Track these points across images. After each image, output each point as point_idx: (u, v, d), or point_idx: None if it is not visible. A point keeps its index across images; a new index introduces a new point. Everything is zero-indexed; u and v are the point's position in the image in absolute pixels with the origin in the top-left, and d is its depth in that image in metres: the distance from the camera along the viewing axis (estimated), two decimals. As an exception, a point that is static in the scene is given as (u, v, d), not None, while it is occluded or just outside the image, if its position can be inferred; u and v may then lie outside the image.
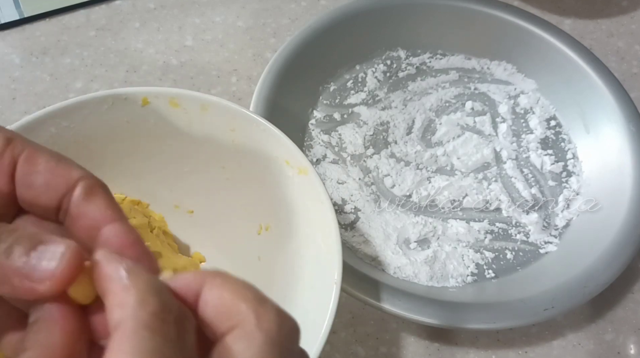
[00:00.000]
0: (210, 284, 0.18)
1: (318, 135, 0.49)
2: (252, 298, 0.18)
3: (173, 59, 0.53)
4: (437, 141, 0.49)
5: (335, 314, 0.31)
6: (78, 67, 0.52)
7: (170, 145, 0.38)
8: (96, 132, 0.36)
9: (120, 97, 0.35)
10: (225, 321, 0.18)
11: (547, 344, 0.42)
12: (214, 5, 0.56)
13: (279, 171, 0.36)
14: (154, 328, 0.16)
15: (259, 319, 0.17)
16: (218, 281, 0.18)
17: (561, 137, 0.50)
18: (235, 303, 0.18)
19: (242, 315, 0.17)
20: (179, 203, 0.41)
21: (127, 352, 0.16)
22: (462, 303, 0.40)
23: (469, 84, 0.53)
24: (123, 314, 0.16)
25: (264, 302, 0.18)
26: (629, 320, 0.44)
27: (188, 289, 0.18)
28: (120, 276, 0.17)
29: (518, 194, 0.47)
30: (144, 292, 0.17)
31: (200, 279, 0.18)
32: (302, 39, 0.49)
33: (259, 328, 0.17)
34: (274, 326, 0.17)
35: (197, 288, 0.18)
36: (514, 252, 0.45)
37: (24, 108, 0.49)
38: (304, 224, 0.35)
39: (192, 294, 0.18)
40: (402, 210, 0.45)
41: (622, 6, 0.59)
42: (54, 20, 0.54)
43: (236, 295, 0.18)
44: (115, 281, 0.17)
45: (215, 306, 0.18)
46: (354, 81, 0.52)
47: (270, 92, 0.46)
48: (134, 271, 0.17)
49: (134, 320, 0.16)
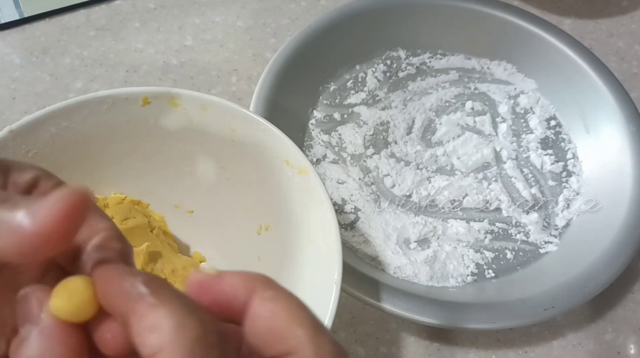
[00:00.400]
0: (262, 296, 0.17)
1: (318, 135, 0.49)
2: (308, 324, 0.17)
3: (173, 59, 0.53)
4: (437, 141, 0.49)
5: (335, 314, 0.31)
6: (78, 67, 0.52)
7: (170, 145, 0.38)
8: (96, 132, 0.36)
9: (120, 97, 0.35)
10: (278, 343, 0.17)
11: (547, 344, 0.42)
12: (214, 5, 0.56)
13: (279, 171, 0.36)
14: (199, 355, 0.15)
15: (317, 350, 0.16)
16: (270, 294, 0.17)
17: (561, 137, 0.50)
18: (292, 327, 0.17)
19: (299, 342, 0.17)
20: (179, 203, 0.41)
21: None
22: (462, 303, 0.40)
23: (469, 84, 0.53)
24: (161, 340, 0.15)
25: (322, 331, 0.17)
26: (629, 320, 0.44)
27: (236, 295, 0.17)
28: (141, 292, 0.16)
29: (518, 194, 0.47)
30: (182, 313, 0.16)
31: (250, 286, 0.17)
32: (302, 39, 0.49)
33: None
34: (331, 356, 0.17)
35: (245, 296, 0.17)
36: (514, 252, 0.45)
37: (24, 108, 0.49)
38: (304, 224, 0.35)
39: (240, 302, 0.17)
40: (402, 210, 0.45)
41: (622, 6, 0.59)
42: (54, 20, 0.54)
43: (292, 316, 0.17)
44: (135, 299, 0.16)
45: (266, 323, 0.17)
46: (354, 81, 0.52)
47: (270, 92, 0.46)
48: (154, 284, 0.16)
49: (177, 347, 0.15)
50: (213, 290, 0.17)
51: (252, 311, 0.17)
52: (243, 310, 0.17)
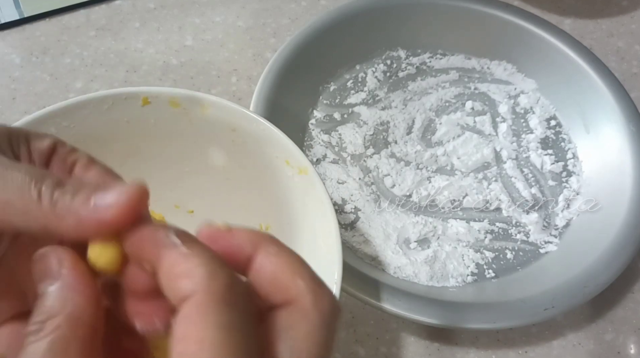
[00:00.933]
0: (267, 251, 0.19)
1: (318, 135, 0.49)
2: (309, 276, 0.18)
3: (173, 59, 0.53)
4: (437, 140, 0.49)
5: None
6: (78, 67, 0.52)
7: (170, 145, 0.38)
8: (96, 132, 0.35)
9: (120, 97, 0.35)
10: (280, 293, 0.18)
11: (547, 344, 0.42)
12: (214, 5, 0.56)
13: (279, 171, 0.36)
14: (231, 302, 0.17)
15: (316, 299, 0.18)
16: (274, 249, 0.19)
17: (561, 137, 0.50)
18: (293, 279, 0.18)
19: (300, 292, 0.18)
20: (179, 203, 0.41)
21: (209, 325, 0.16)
22: (462, 303, 0.40)
23: (469, 83, 0.53)
24: (194, 285, 0.16)
25: (320, 283, 0.18)
26: (629, 319, 0.44)
27: (242, 248, 0.19)
28: (174, 242, 0.17)
29: (518, 194, 0.47)
30: (213, 263, 0.17)
31: (256, 241, 0.19)
32: (302, 39, 0.49)
33: (315, 308, 0.18)
34: (328, 308, 0.18)
35: (251, 250, 0.19)
36: (514, 252, 0.45)
37: (24, 108, 0.49)
38: (304, 224, 0.35)
39: (245, 255, 0.19)
40: (402, 210, 0.45)
41: (622, 6, 0.59)
42: (54, 20, 0.54)
43: (294, 269, 0.18)
44: (170, 248, 0.17)
45: (270, 275, 0.18)
46: (354, 80, 0.52)
47: (270, 92, 0.46)
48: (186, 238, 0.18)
49: (209, 292, 0.16)
50: (222, 242, 0.19)
51: (257, 263, 0.18)
52: (247, 263, 0.19)
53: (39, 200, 0.18)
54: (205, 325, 0.16)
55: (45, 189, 0.18)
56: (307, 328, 0.17)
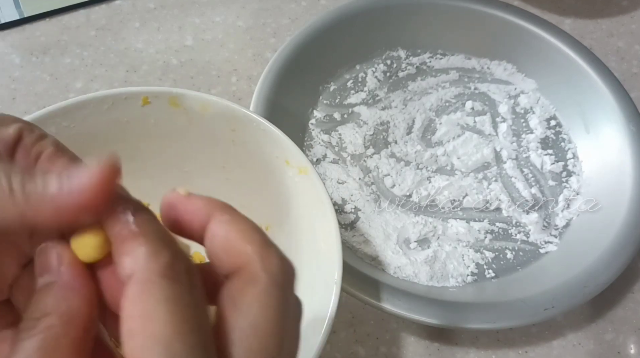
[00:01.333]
0: (219, 219, 0.19)
1: (318, 135, 0.49)
2: (257, 241, 0.19)
3: (173, 59, 0.53)
4: (437, 140, 0.49)
5: (335, 314, 0.31)
6: (78, 67, 0.52)
7: (170, 145, 0.38)
8: (96, 132, 0.35)
9: (120, 97, 0.35)
10: (231, 260, 0.18)
11: (547, 344, 0.42)
12: (214, 5, 0.56)
13: (279, 171, 0.36)
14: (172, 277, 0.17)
15: (263, 262, 0.18)
16: (227, 217, 0.19)
17: (561, 137, 0.50)
18: (242, 244, 0.18)
19: (248, 257, 0.18)
20: (179, 203, 0.41)
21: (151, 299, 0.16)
22: (462, 303, 0.40)
23: (469, 83, 0.53)
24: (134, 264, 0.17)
25: (269, 246, 0.19)
26: (629, 319, 0.44)
27: (196, 215, 0.19)
28: (127, 219, 0.18)
29: (518, 194, 0.47)
30: (154, 243, 0.17)
31: (209, 209, 0.19)
32: (302, 39, 0.49)
33: (263, 271, 0.18)
34: (277, 269, 0.18)
35: (204, 217, 0.19)
36: (514, 252, 0.45)
37: (24, 108, 0.49)
38: (304, 224, 0.35)
39: (199, 222, 0.19)
40: (402, 210, 0.45)
41: (622, 6, 0.59)
42: (54, 20, 0.54)
43: (243, 236, 0.19)
44: (122, 224, 0.18)
45: (221, 242, 0.19)
46: (354, 80, 0.52)
47: (270, 92, 0.46)
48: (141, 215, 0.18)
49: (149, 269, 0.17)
50: (179, 208, 0.19)
51: (210, 231, 0.19)
52: (202, 230, 0.19)
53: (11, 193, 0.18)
54: (148, 299, 0.16)
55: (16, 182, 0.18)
56: (255, 292, 0.18)
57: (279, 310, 0.18)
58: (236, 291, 0.18)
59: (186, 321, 0.16)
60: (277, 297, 0.18)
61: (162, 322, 0.16)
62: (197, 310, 0.17)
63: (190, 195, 0.20)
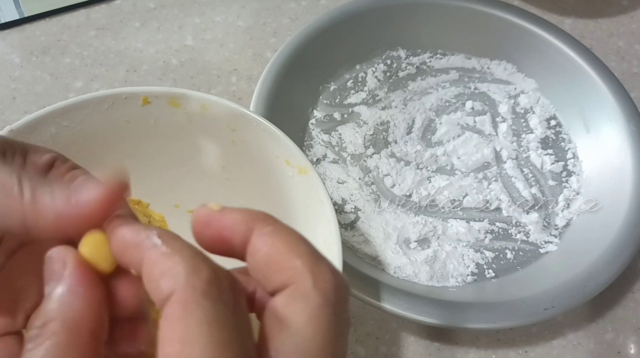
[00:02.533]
0: (261, 231, 0.18)
1: (318, 135, 0.49)
2: (306, 254, 0.17)
3: (173, 59, 0.53)
4: (437, 140, 0.49)
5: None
6: (78, 67, 0.52)
7: (170, 145, 0.38)
8: (96, 132, 0.36)
9: (120, 97, 0.35)
10: (278, 276, 0.17)
11: (547, 344, 0.42)
12: (214, 5, 0.56)
13: (279, 170, 0.36)
14: (214, 296, 0.16)
15: (315, 279, 0.17)
16: (269, 229, 0.18)
17: (561, 136, 0.50)
18: (290, 259, 0.17)
19: (297, 272, 0.17)
20: (179, 203, 0.41)
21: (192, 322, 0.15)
22: (462, 303, 0.40)
23: (469, 83, 0.53)
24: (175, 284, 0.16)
25: (319, 260, 0.17)
26: (629, 319, 0.44)
27: (236, 231, 0.18)
28: (155, 243, 0.17)
29: (518, 194, 0.47)
30: (193, 259, 0.16)
31: (249, 221, 0.18)
32: (302, 39, 0.49)
33: (315, 289, 0.17)
34: (330, 286, 0.17)
35: (245, 231, 0.18)
36: (514, 252, 0.45)
37: (24, 108, 0.49)
38: (304, 224, 0.35)
39: (240, 237, 0.18)
40: (402, 210, 0.45)
41: (622, 6, 0.59)
42: (54, 20, 0.54)
43: (290, 248, 0.17)
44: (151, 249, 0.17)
45: (266, 257, 0.17)
46: (354, 80, 0.52)
47: (270, 92, 0.46)
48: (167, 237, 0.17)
49: (190, 288, 0.16)
50: (215, 225, 0.18)
51: (252, 245, 0.18)
52: (244, 246, 0.18)
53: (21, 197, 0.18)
54: (188, 322, 0.15)
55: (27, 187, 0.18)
56: (306, 313, 0.16)
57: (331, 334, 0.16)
58: (284, 311, 0.17)
59: (227, 346, 0.15)
60: (329, 320, 0.16)
61: (203, 347, 0.15)
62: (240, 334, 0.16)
63: (224, 209, 0.18)
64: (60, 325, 0.17)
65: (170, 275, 0.16)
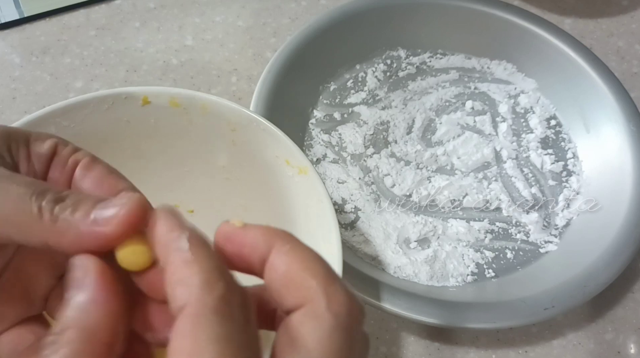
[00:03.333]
0: (280, 249, 0.18)
1: (318, 135, 0.49)
2: (322, 274, 0.17)
3: (173, 59, 0.53)
4: (437, 140, 0.49)
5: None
6: (78, 67, 0.52)
7: (170, 145, 0.38)
8: (96, 132, 0.35)
9: (121, 97, 0.35)
10: (293, 295, 0.17)
11: (547, 344, 0.42)
12: (214, 5, 0.56)
13: (279, 170, 0.36)
14: (226, 313, 0.16)
15: (329, 300, 0.17)
16: (288, 247, 0.18)
17: (561, 136, 0.50)
18: (305, 278, 0.17)
19: (312, 292, 0.17)
20: (179, 203, 0.41)
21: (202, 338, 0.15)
22: (462, 303, 0.40)
23: (469, 83, 0.53)
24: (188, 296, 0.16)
25: (335, 281, 0.17)
26: (629, 319, 0.44)
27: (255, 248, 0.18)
28: (181, 247, 0.17)
29: (518, 193, 0.47)
30: (209, 273, 0.16)
31: (269, 239, 0.18)
32: (302, 39, 0.49)
33: (329, 310, 0.17)
34: (344, 309, 0.17)
35: (264, 249, 0.18)
36: (514, 251, 0.45)
37: (24, 108, 0.49)
38: (304, 224, 0.35)
39: (259, 255, 0.18)
40: (402, 210, 0.45)
41: (622, 6, 0.59)
42: (54, 20, 0.54)
43: (306, 268, 0.17)
44: (175, 252, 0.17)
45: (283, 276, 0.17)
46: (354, 80, 0.52)
47: (270, 92, 0.46)
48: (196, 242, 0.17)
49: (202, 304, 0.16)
50: (236, 241, 0.18)
51: (270, 263, 0.18)
52: (262, 263, 0.18)
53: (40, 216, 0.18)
54: (197, 337, 0.15)
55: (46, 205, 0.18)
56: (318, 334, 0.16)
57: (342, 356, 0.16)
58: (296, 331, 0.17)
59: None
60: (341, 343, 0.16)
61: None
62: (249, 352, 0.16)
63: (246, 226, 0.18)
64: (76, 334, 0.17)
65: (185, 285, 0.16)
